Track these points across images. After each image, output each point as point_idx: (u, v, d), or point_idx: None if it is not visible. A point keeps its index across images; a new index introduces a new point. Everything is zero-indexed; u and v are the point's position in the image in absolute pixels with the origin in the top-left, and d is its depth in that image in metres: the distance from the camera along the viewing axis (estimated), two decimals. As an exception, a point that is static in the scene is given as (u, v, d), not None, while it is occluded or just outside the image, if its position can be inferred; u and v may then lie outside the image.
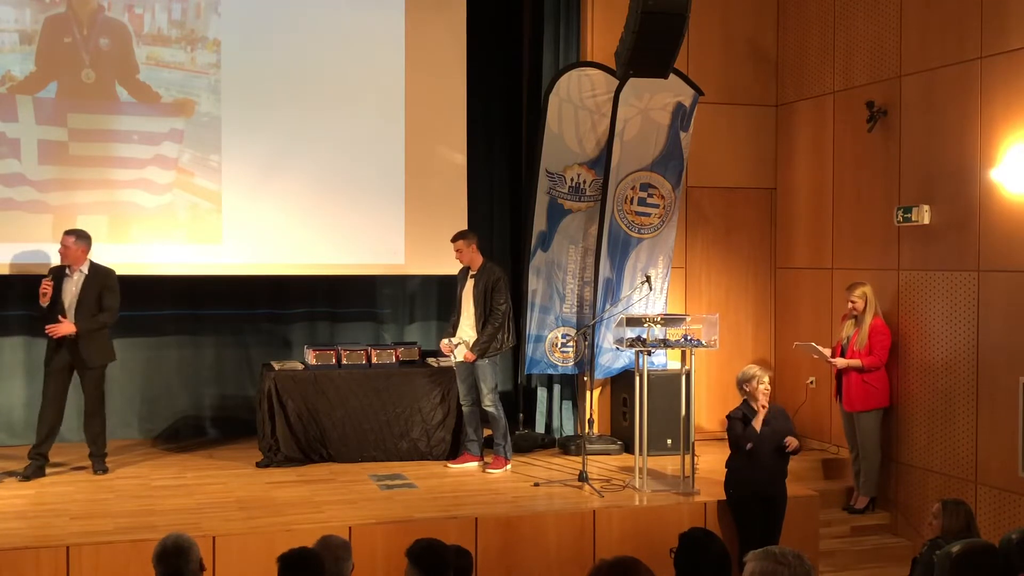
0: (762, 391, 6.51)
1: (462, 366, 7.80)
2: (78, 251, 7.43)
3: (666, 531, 6.16)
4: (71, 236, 7.43)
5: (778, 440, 6.47)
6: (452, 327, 7.95)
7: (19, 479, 7.34)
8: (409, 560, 3.93)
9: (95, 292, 7.47)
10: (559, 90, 8.58)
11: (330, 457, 8.03)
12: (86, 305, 7.44)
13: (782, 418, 6.61)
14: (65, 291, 7.44)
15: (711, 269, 9.29)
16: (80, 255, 7.45)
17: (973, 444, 7.25)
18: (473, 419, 7.90)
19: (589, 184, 8.74)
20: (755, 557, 3.17)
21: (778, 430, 6.51)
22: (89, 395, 7.58)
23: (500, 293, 7.71)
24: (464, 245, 7.79)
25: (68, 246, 7.42)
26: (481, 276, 7.75)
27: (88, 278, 7.48)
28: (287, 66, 8.54)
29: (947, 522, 5.15)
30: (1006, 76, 7.00)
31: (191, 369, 9.10)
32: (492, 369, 7.79)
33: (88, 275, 7.49)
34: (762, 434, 6.47)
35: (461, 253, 7.81)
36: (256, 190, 8.48)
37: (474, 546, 6.19)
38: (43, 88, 8.05)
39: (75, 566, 5.69)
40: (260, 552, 5.73)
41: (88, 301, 7.44)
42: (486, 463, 7.83)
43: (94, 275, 7.50)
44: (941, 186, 7.54)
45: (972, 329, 7.26)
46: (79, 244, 7.44)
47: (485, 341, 7.67)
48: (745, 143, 9.33)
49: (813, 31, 8.93)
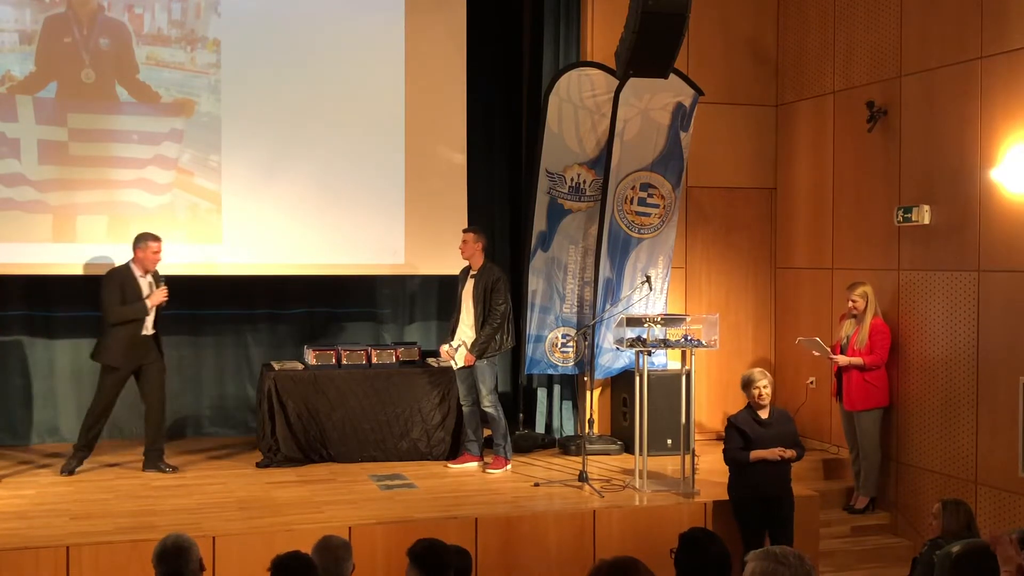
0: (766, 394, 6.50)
1: (461, 367, 7.80)
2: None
3: (666, 531, 6.16)
4: (159, 242, 7.62)
5: (780, 443, 6.46)
6: (451, 330, 7.95)
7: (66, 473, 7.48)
8: (410, 560, 3.93)
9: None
10: (559, 90, 8.58)
11: (330, 457, 8.03)
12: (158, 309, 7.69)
13: (785, 420, 6.60)
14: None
15: (711, 269, 9.29)
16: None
17: (973, 444, 7.25)
18: (473, 419, 7.91)
19: (589, 184, 8.74)
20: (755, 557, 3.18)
21: (781, 433, 6.49)
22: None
23: (499, 294, 7.71)
24: (472, 239, 7.80)
25: (158, 251, 7.60)
26: (481, 276, 7.76)
27: (480, 274, 7.79)
28: (287, 66, 8.53)
29: (947, 522, 5.16)
30: (1006, 76, 7.00)
31: (191, 369, 9.10)
32: (491, 370, 7.79)
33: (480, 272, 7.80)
34: (764, 436, 6.46)
35: (466, 245, 7.80)
36: (256, 190, 8.48)
37: (474, 546, 6.19)
38: (43, 88, 8.05)
39: (75, 566, 5.69)
40: (260, 552, 5.70)
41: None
42: (486, 463, 7.83)
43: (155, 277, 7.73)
44: (941, 186, 7.54)
45: (972, 329, 7.26)
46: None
47: (483, 342, 7.67)
48: (745, 143, 9.33)
49: (813, 31, 8.92)
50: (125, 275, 7.57)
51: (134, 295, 7.55)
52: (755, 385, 6.49)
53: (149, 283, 7.63)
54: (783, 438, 6.48)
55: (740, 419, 6.55)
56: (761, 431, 6.47)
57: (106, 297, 7.54)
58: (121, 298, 7.51)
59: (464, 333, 7.80)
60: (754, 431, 6.48)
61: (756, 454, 6.42)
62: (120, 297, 7.51)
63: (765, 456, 6.41)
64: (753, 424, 6.49)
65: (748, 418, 6.53)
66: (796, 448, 6.53)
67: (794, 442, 6.54)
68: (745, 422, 6.51)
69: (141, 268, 7.59)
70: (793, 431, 6.62)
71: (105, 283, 7.58)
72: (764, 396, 6.49)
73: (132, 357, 7.56)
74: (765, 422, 6.50)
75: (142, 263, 7.58)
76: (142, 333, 7.58)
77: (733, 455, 6.53)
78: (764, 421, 6.50)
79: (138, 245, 7.59)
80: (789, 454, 6.44)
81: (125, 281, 7.55)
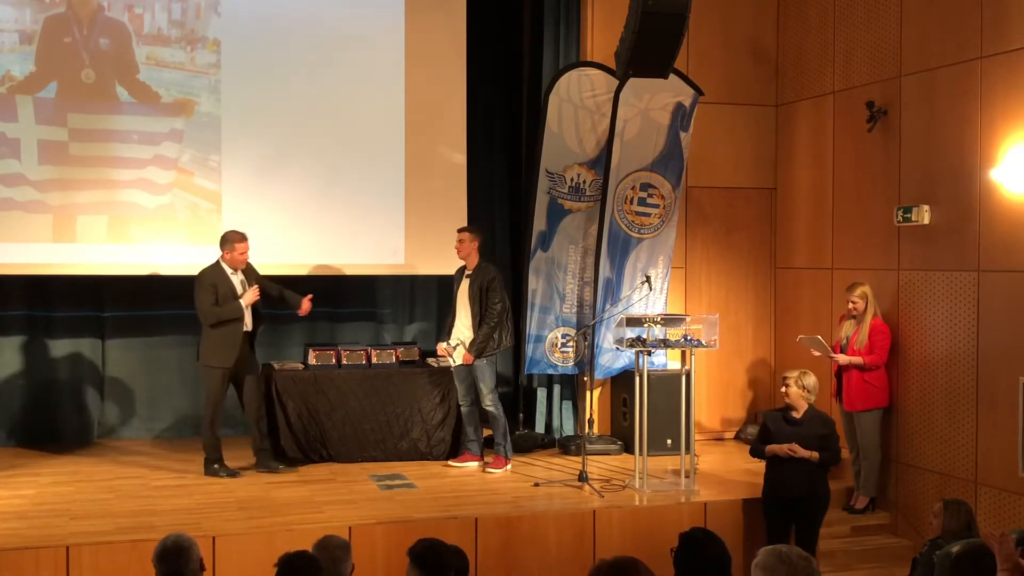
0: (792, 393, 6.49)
1: (460, 366, 7.80)
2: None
3: (666, 531, 6.16)
4: (245, 242, 7.60)
5: (800, 443, 6.43)
6: (448, 329, 7.94)
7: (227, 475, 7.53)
8: (410, 560, 3.93)
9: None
10: (559, 90, 8.58)
11: (330, 457, 8.04)
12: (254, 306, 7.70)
13: (819, 424, 6.50)
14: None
15: (711, 269, 9.29)
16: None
17: (973, 444, 7.25)
18: (472, 419, 7.91)
19: (589, 184, 8.74)
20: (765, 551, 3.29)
21: (805, 434, 6.44)
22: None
23: (495, 292, 7.71)
24: (469, 238, 7.80)
25: (244, 250, 7.59)
26: (476, 276, 7.76)
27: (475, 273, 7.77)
28: (287, 66, 8.54)
29: (947, 522, 5.15)
30: (1006, 76, 7.00)
31: (191, 369, 9.06)
32: (491, 368, 7.80)
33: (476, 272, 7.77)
34: (785, 434, 6.44)
35: (463, 244, 7.80)
36: (256, 190, 8.48)
37: (474, 546, 6.20)
38: (43, 88, 8.05)
39: (75, 566, 5.69)
40: (260, 552, 5.73)
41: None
42: (486, 463, 7.83)
43: (248, 273, 7.71)
44: (941, 186, 7.54)
45: (972, 329, 7.26)
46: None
47: (482, 341, 7.67)
48: (745, 143, 9.33)
49: (813, 31, 8.92)
50: (217, 274, 7.53)
51: (228, 294, 7.51)
52: (784, 382, 6.55)
53: (241, 280, 7.59)
54: (806, 439, 6.42)
55: (770, 415, 6.63)
56: (786, 428, 6.47)
57: (200, 299, 7.50)
58: (215, 298, 7.47)
59: (461, 332, 7.80)
60: (778, 428, 6.50)
61: (771, 449, 6.47)
62: (214, 298, 7.47)
63: (776, 452, 6.43)
64: (780, 421, 6.52)
65: (778, 415, 6.57)
66: (822, 451, 6.42)
67: (820, 445, 6.43)
68: (773, 418, 6.56)
69: (231, 266, 7.57)
70: (823, 435, 6.49)
71: (198, 284, 7.54)
72: (795, 396, 6.48)
73: (233, 356, 7.50)
74: (795, 421, 6.49)
75: (231, 263, 7.55)
76: (243, 330, 7.54)
77: (752, 447, 6.66)
78: (794, 420, 6.50)
79: (224, 247, 7.56)
80: (804, 453, 6.36)
81: (218, 281, 7.51)
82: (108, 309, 8.85)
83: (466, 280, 7.81)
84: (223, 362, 7.47)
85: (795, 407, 6.50)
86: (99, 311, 8.85)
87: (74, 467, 7.80)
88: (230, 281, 7.56)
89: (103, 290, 8.78)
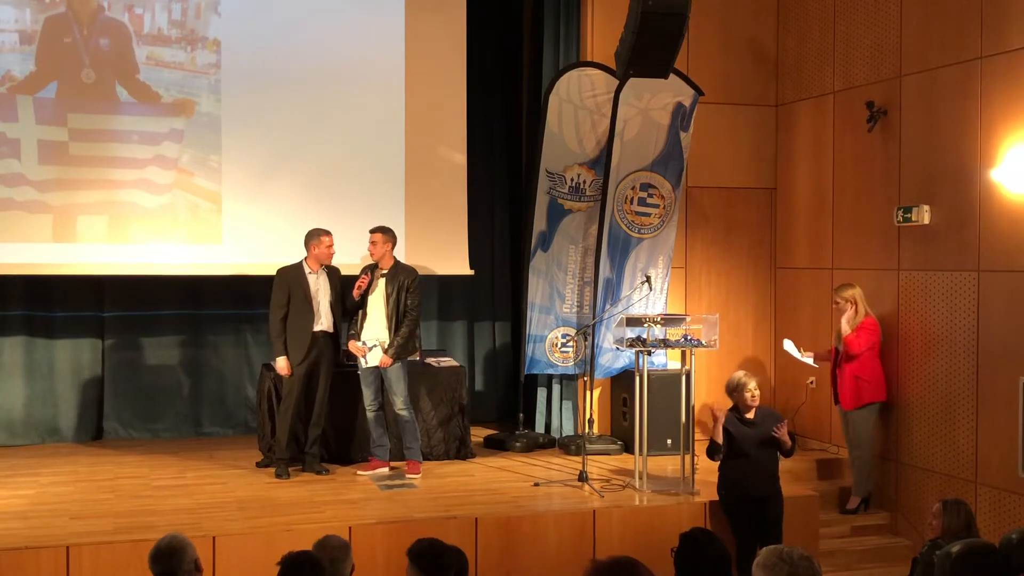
0: (748, 399, 6.52)
1: (368, 369, 7.61)
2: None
3: (666, 531, 6.17)
4: (330, 236, 7.56)
5: (765, 441, 6.47)
6: (357, 331, 7.62)
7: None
8: (410, 560, 3.92)
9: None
10: (559, 90, 8.58)
11: (330, 457, 8.03)
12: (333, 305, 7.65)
13: (772, 420, 6.56)
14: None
15: (711, 269, 9.29)
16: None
17: (973, 444, 7.25)
18: (379, 423, 7.70)
19: (589, 184, 8.74)
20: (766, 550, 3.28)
21: (766, 433, 6.50)
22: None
23: (415, 294, 7.58)
24: (382, 240, 7.59)
25: (330, 244, 7.55)
26: (394, 275, 7.57)
27: (392, 273, 7.68)
28: (287, 66, 8.53)
29: (947, 522, 5.15)
30: (1006, 76, 7.00)
31: (191, 369, 9.10)
32: (404, 372, 7.62)
33: (391, 272, 7.67)
34: (749, 435, 6.48)
35: (376, 246, 7.58)
36: (256, 190, 8.48)
37: (474, 546, 6.20)
38: (43, 88, 8.06)
39: (75, 566, 5.69)
40: (260, 552, 5.74)
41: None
42: (403, 470, 7.62)
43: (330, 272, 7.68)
44: (941, 186, 7.54)
45: (972, 329, 7.26)
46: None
47: (401, 344, 7.50)
48: (745, 143, 9.33)
49: (813, 31, 8.93)
50: (294, 275, 7.49)
51: (301, 294, 7.45)
52: (747, 389, 6.52)
53: (322, 284, 7.52)
54: (768, 437, 6.48)
55: (728, 419, 6.58)
56: (746, 430, 6.51)
57: (272, 298, 7.50)
58: (286, 299, 7.43)
59: (376, 332, 7.55)
60: (738, 430, 6.53)
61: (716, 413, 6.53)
62: (285, 298, 7.43)
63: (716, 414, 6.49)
64: (737, 423, 6.55)
65: (733, 418, 6.57)
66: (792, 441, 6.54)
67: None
68: (730, 421, 6.56)
69: (315, 264, 7.51)
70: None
71: (274, 283, 7.52)
72: (756, 398, 6.55)
73: (300, 355, 7.44)
74: (750, 422, 6.53)
75: (317, 259, 7.51)
76: (315, 329, 7.47)
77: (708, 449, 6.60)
78: (749, 421, 6.54)
79: (311, 241, 7.51)
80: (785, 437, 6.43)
81: (293, 281, 7.46)
82: (108, 309, 8.84)
83: (380, 280, 7.61)
84: (293, 360, 7.45)
85: (750, 408, 6.55)
86: (99, 311, 8.84)
87: (74, 467, 7.79)
88: (307, 283, 7.48)
89: (103, 290, 8.78)
